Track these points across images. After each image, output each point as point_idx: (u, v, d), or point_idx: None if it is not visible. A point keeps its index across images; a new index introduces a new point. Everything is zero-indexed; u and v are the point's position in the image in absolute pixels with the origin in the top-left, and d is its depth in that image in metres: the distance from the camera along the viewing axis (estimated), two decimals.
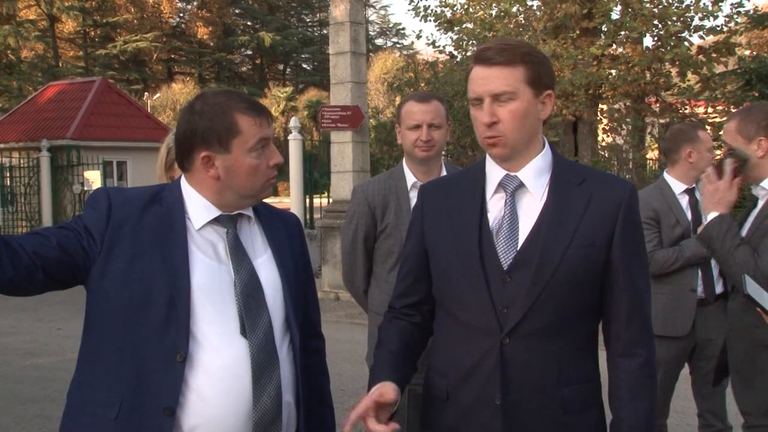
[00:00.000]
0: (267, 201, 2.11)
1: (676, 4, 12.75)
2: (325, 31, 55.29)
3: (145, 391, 1.78)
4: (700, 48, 13.23)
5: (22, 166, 19.18)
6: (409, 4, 14.75)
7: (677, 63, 12.72)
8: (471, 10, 14.18)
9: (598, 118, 13.65)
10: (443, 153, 3.22)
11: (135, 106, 23.00)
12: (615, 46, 13.21)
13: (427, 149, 2.98)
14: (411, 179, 3.07)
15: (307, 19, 64.96)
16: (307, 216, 13.13)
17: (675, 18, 12.60)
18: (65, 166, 18.86)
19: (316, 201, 13.66)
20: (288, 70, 63.91)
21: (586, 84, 12.32)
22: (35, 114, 20.99)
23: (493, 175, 1.89)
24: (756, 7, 14.30)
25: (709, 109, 13.65)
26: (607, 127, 13.75)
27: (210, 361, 1.80)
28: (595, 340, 1.91)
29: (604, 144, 14.36)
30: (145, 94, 50.64)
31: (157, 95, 50.42)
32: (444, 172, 3.07)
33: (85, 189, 18.24)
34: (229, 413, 1.81)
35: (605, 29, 13.17)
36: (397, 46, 61.08)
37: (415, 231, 1.98)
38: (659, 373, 3.63)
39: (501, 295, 1.79)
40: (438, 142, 3.00)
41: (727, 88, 13.21)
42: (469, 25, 14.10)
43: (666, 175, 3.78)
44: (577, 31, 12.88)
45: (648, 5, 12.67)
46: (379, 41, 62.44)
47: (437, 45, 14.95)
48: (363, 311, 3.47)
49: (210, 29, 57.80)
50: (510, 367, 1.78)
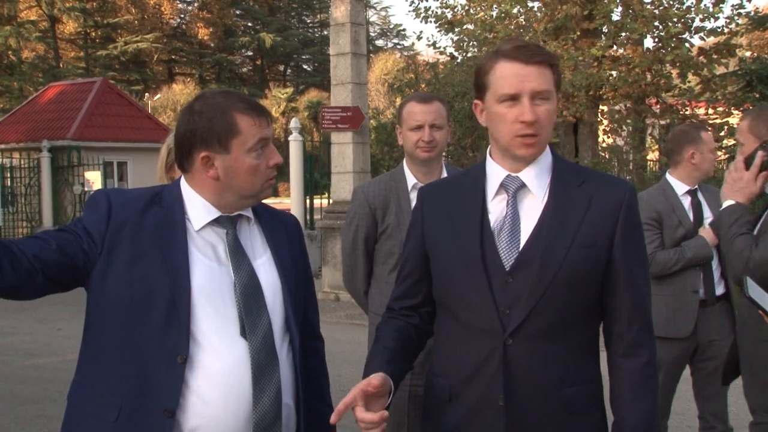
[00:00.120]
0: (267, 202, 2.10)
1: (676, 6, 12.74)
2: (325, 32, 55.29)
3: (145, 392, 1.78)
4: (701, 49, 13.23)
5: (23, 166, 19.17)
6: (410, 6, 14.76)
7: (678, 64, 12.72)
8: (471, 11, 14.19)
9: (599, 120, 13.65)
10: (444, 154, 3.22)
11: (135, 107, 22.98)
12: (616, 48, 13.21)
13: (429, 150, 2.98)
14: (412, 180, 3.07)
15: (308, 20, 65.00)
16: (308, 217, 13.13)
17: (676, 19, 12.60)
18: (66, 166, 18.85)
19: (317, 202, 13.65)
20: (288, 71, 63.93)
21: (587, 85, 12.31)
22: (36, 114, 20.98)
23: (495, 175, 1.88)
24: (757, 8, 14.29)
25: (710, 110, 13.63)
26: (607, 129, 13.74)
27: (210, 362, 1.80)
28: (597, 342, 1.91)
29: (604, 145, 14.35)
30: (146, 94, 50.64)
31: (158, 96, 50.43)
32: (444, 173, 3.07)
33: (86, 189, 18.23)
34: (229, 414, 1.80)
35: (606, 30, 13.16)
36: (398, 47, 61.16)
37: (415, 233, 1.97)
38: (661, 374, 3.63)
39: (503, 295, 1.79)
40: (440, 142, 3.00)
41: (728, 89, 13.20)
42: (470, 27, 14.10)
43: (668, 176, 3.77)
44: (578, 33, 12.88)
45: (649, 6, 12.66)
46: (379, 42, 62.51)
47: (438, 46, 14.98)
48: (363, 312, 3.46)
49: (210, 30, 57.82)
50: (513, 368, 1.77)
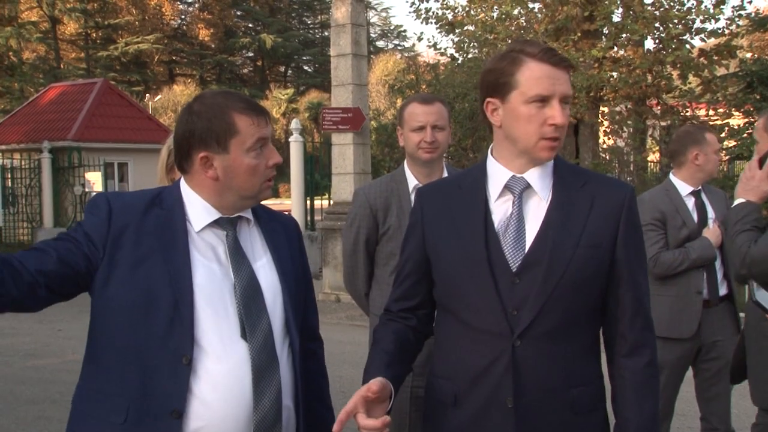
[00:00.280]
0: (267, 202, 2.10)
1: (677, 7, 12.76)
2: (326, 33, 55.36)
3: (151, 395, 1.78)
4: (702, 50, 13.24)
5: (24, 167, 19.17)
6: (411, 7, 14.78)
7: (678, 65, 12.73)
8: (472, 12, 14.20)
9: (600, 121, 13.65)
10: (444, 155, 3.22)
11: (136, 108, 23.00)
12: (616, 49, 13.22)
13: (431, 151, 2.98)
14: (413, 181, 3.06)
15: (309, 21, 65.03)
16: (308, 218, 13.13)
17: (676, 21, 12.62)
18: (66, 167, 18.86)
19: (317, 203, 13.66)
20: (289, 71, 63.96)
21: (588, 86, 12.32)
22: (36, 115, 20.99)
23: (497, 176, 1.87)
24: (757, 9, 14.31)
25: (711, 111, 13.64)
26: (608, 130, 13.75)
27: (211, 364, 1.80)
28: (599, 342, 1.92)
29: (605, 146, 14.35)
30: (147, 95, 50.65)
31: (159, 97, 50.46)
32: (445, 174, 3.06)
33: (86, 190, 18.23)
34: (230, 416, 1.80)
35: (606, 32, 13.17)
36: (399, 48, 61.16)
37: (415, 234, 1.95)
38: (663, 375, 3.63)
39: (510, 297, 1.78)
40: (441, 143, 3.00)
41: (729, 90, 13.21)
42: (471, 28, 14.12)
43: (672, 177, 3.77)
44: (579, 34, 12.89)
45: (649, 8, 12.68)
46: (380, 43, 62.53)
47: (438, 47, 14.96)
48: (364, 313, 3.46)
49: (211, 31, 57.85)
50: (521, 370, 1.77)
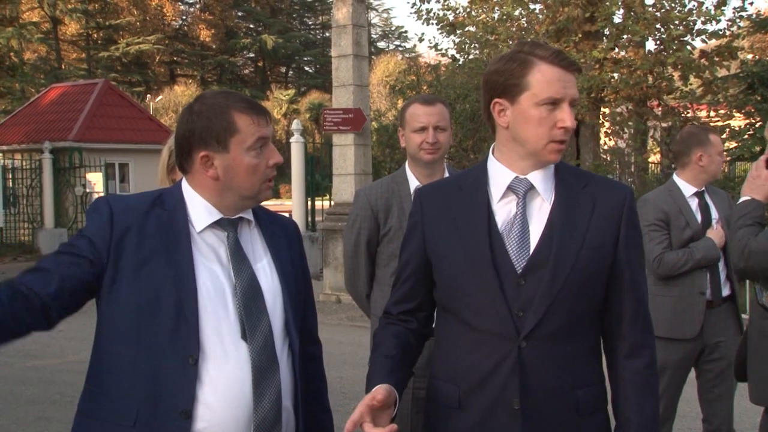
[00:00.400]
0: (268, 203, 2.10)
1: (678, 8, 12.76)
2: (327, 34, 55.38)
3: (160, 396, 1.78)
4: (703, 52, 13.24)
5: (25, 167, 19.18)
6: (412, 8, 14.79)
7: (679, 67, 12.73)
8: (473, 13, 14.21)
9: (600, 122, 13.65)
10: (445, 156, 3.22)
11: (137, 109, 22.99)
12: (617, 50, 13.22)
13: (433, 152, 2.98)
14: (414, 182, 3.05)
15: (310, 22, 65.08)
16: (309, 218, 13.13)
17: (677, 22, 12.62)
18: (67, 168, 18.86)
19: (318, 203, 13.66)
20: (290, 72, 63.98)
21: (589, 87, 12.33)
22: (38, 116, 20.99)
23: (500, 177, 1.87)
24: (758, 11, 14.30)
25: (711, 112, 13.64)
26: (609, 131, 13.76)
27: (212, 365, 1.80)
28: (600, 343, 1.92)
29: (606, 147, 14.36)
30: (148, 96, 50.66)
31: (160, 97, 50.48)
32: (447, 175, 3.05)
33: (87, 191, 18.24)
34: (230, 417, 1.80)
35: (608, 33, 13.18)
36: (399, 49, 61.16)
37: (415, 236, 1.94)
38: (666, 375, 3.63)
39: (516, 298, 1.78)
40: (443, 144, 3.00)
41: (730, 91, 13.20)
42: (472, 29, 14.12)
43: (676, 178, 3.77)
44: (580, 35, 12.89)
45: (650, 9, 12.68)
46: (381, 44, 62.54)
47: (439, 48, 15.01)
48: (364, 314, 3.46)
49: (212, 32, 57.88)
50: (527, 371, 1.76)
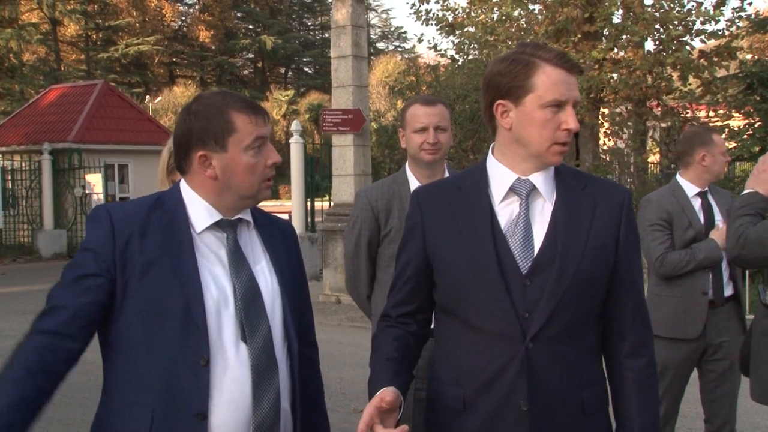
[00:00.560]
0: (267, 204, 2.10)
1: (677, 9, 12.76)
2: (326, 35, 55.38)
3: (175, 399, 1.78)
4: (702, 52, 13.24)
5: (24, 169, 19.19)
6: (411, 8, 14.78)
7: (679, 67, 12.72)
8: (473, 14, 14.20)
9: (600, 122, 13.65)
10: (445, 157, 3.22)
11: (136, 110, 22.97)
12: (616, 50, 13.21)
13: (433, 152, 2.98)
14: (415, 183, 3.05)
15: (309, 23, 65.09)
16: (309, 219, 13.12)
17: (676, 22, 12.62)
18: (67, 169, 18.87)
19: (318, 204, 13.65)
20: (289, 73, 63.99)
21: (588, 88, 12.32)
22: (37, 117, 20.98)
23: (501, 178, 1.86)
24: (757, 11, 14.31)
25: (711, 113, 13.65)
26: (608, 131, 13.75)
27: (217, 367, 1.81)
28: (600, 343, 1.92)
29: (605, 148, 14.35)
30: (147, 97, 50.68)
31: (159, 98, 50.47)
32: (447, 175, 3.05)
33: (87, 192, 18.25)
34: (231, 419, 1.80)
35: (607, 33, 13.17)
36: (399, 49, 61.16)
37: (415, 237, 1.92)
38: (668, 375, 3.64)
39: (522, 299, 1.77)
40: (444, 145, 3.01)
41: (729, 92, 13.21)
42: (471, 29, 14.11)
43: (679, 178, 3.78)
44: (579, 35, 12.89)
45: (649, 9, 12.68)
46: (380, 45, 62.56)
47: (439, 49, 14.93)
48: (364, 315, 3.45)
49: (212, 33, 57.88)
50: (535, 372, 1.76)
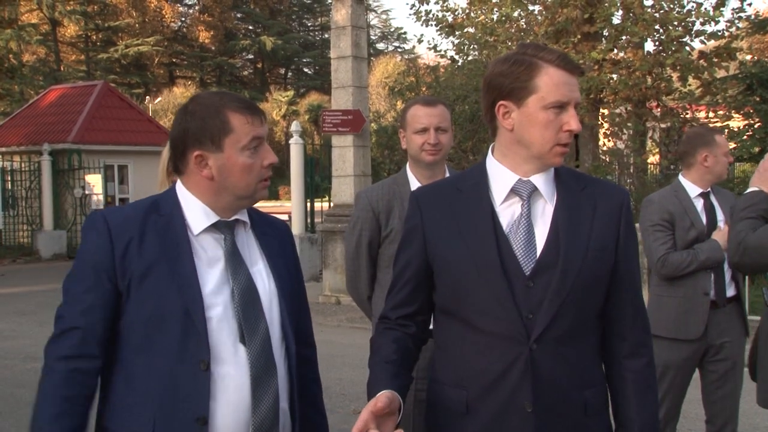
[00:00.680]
0: (268, 205, 2.10)
1: (677, 9, 12.76)
2: (326, 36, 55.39)
3: (175, 403, 1.78)
4: (701, 53, 13.25)
5: (24, 169, 19.17)
6: (411, 9, 14.78)
7: (678, 68, 12.73)
8: (472, 14, 14.21)
9: (600, 123, 13.66)
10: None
11: (136, 110, 22.95)
12: (616, 51, 13.22)
13: (434, 153, 2.98)
14: (415, 184, 3.04)
15: (309, 24, 65.10)
16: (308, 220, 13.11)
17: (676, 23, 12.62)
18: (66, 169, 18.85)
19: (317, 205, 13.64)
20: (289, 74, 63.99)
21: (587, 88, 12.33)
22: (37, 118, 20.97)
23: (503, 179, 1.86)
24: (757, 12, 14.32)
25: (710, 113, 13.65)
26: (608, 132, 13.76)
27: (217, 370, 1.80)
28: (600, 345, 1.92)
29: (605, 148, 14.36)
30: (147, 98, 50.67)
31: (159, 99, 50.45)
32: (447, 176, 3.06)
33: (86, 193, 18.24)
34: (230, 422, 1.80)
35: (606, 34, 13.18)
36: (399, 50, 61.17)
37: (415, 239, 1.90)
38: (669, 375, 3.64)
39: (525, 300, 1.77)
40: (445, 145, 3.01)
41: (728, 92, 13.22)
42: (471, 30, 14.12)
43: (681, 178, 3.77)
44: (579, 36, 12.89)
45: (649, 10, 12.68)
46: (380, 45, 62.59)
47: (438, 49, 14.93)
48: (364, 315, 3.45)
49: (211, 33, 57.90)
50: (539, 374, 1.76)
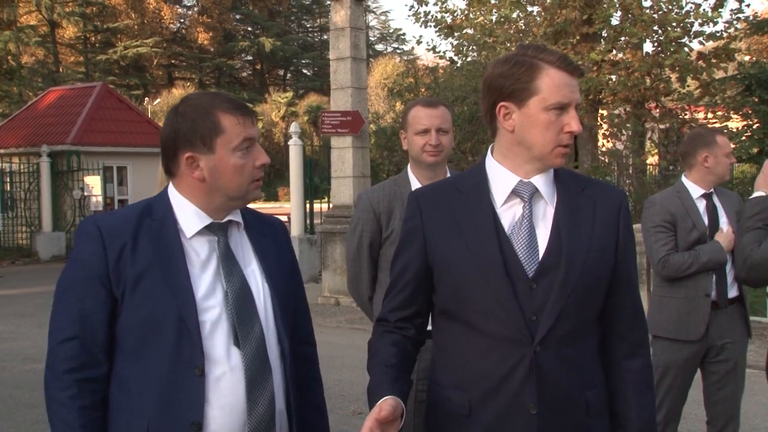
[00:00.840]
0: (268, 205, 2.09)
1: (676, 10, 12.77)
2: (325, 37, 55.36)
3: (170, 409, 1.78)
4: (700, 54, 13.26)
5: (22, 171, 19.17)
6: (410, 10, 14.79)
7: (677, 68, 12.74)
8: (471, 15, 14.21)
9: (598, 124, 13.67)
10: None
11: (135, 112, 22.93)
12: (615, 52, 13.23)
13: (435, 154, 2.98)
14: (416, 185, 3.04)
15: (308, 25, 65.10)
16: (308, 221, 13.12)
17: (675, 24, 12.63)
18: (65, 171, 18.84)
19: (317, 206, 13.64)
20: (288, 75, 63.97)
21: (586, 89, 12.33)
22: (35, 119, 20.95)
23: (503, 181, 1.85)
24: (755, 13, 14.34)
25: (709, 114, 13.67)
26: (607, 133, 13.77)
27: (208, 375, 1.80)
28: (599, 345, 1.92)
29: (604, 149, 14.38)
30: (146, 99, 50.65)
31: (158, 100, 50.44)
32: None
33: (86, 194, 18.23)
34: (225, 425, 1.80)
35: (605, 35, 13.19)
36: (398, 51, 61.18)
37: (415, 240, 1.90)
38: (670, 376, 3.64)
39: (528, 302, 1.77)
40: (446, 146, 3.01)
41: (727, 93, 13.25)
42: (470, 31, 14.13)
43: (684, 179, 3.77)
44: (577, 37, 12.90)
45: (648, 11, 12.69)
46: (379, 47, 62.58)
47: (437, 50, 14.97)
48: (363, 316, 3.45)
49: (210, 35, 57.86)
50: (543, 375, 1.76)
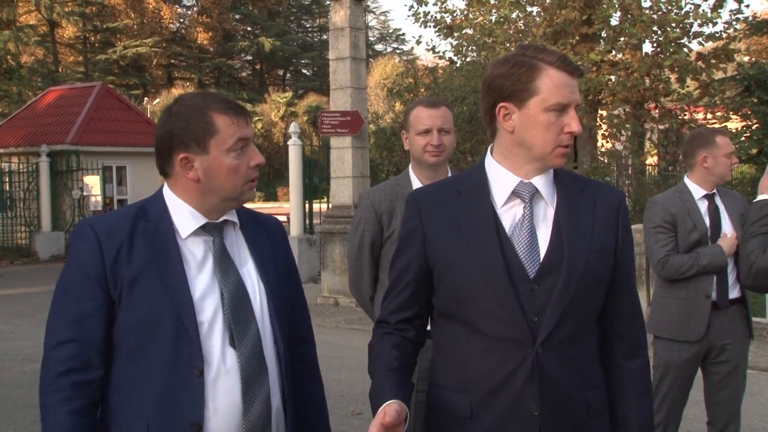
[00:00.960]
0: (267, 206, 2.09)
1: (675, 11, 12.78)
2: (324, 37, 55.39)
3: (170, 410, 1.78)
4: (699, 54, 13.27)
5: (22, 171, 19.16)
6: (409, 10, 14.80)
7: (676, 69, 12.75)
8: (471, 16, 14.22)
9: (598, 124, 13.67)
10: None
11: (135, 112, 22.92)
12: (614, 53, 13.24)
13: (437, 154, 2.99)
14: (418, 185, 3.04)
15: (307, 25, 65.10)
16: (307, 221, 13.12)
17: (674, 24, 12.64)
18: (65, 171, 18.83)
19: (316, 206, 13.64)
20: (288, 75, 63.98)
21: (586, 90, 12.34)
22: (35, 119, 20.94)
23: (504, 181, 1.85)
24: (755, 13, 14.35)
25: (708, 115, 13.68)
26: (606, 133, 13.77)
27: (207, 376, 1.80)
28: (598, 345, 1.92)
29: (603, 150, 14.38)
30: (145, 99, 50.64)
31: (157, 100, 50.38)
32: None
33: (85, 194, 18.21)
34: (223, 425, 1.80)
35: (605, 35, 13.20)
36: (397, 51, 61.20)
37: (414, 241, 1.89)
38: (670, 376, 3.65)
39: (530, 303, 1.76)
40: (447, 147, 3.02)
41: (726, 94, 13.25)
42: (469, 31, 14.13)
43: (686, 180, 3.77)
44: (577, 37, 12.91)
45: (647, 12, 12.70)
46: (378, 47, 62.61)
47: (437, 51, 14.98)
48: (362, 317, 3.46)
49: (210, 34, 57.86)
50: (545, 376, 1.76)
